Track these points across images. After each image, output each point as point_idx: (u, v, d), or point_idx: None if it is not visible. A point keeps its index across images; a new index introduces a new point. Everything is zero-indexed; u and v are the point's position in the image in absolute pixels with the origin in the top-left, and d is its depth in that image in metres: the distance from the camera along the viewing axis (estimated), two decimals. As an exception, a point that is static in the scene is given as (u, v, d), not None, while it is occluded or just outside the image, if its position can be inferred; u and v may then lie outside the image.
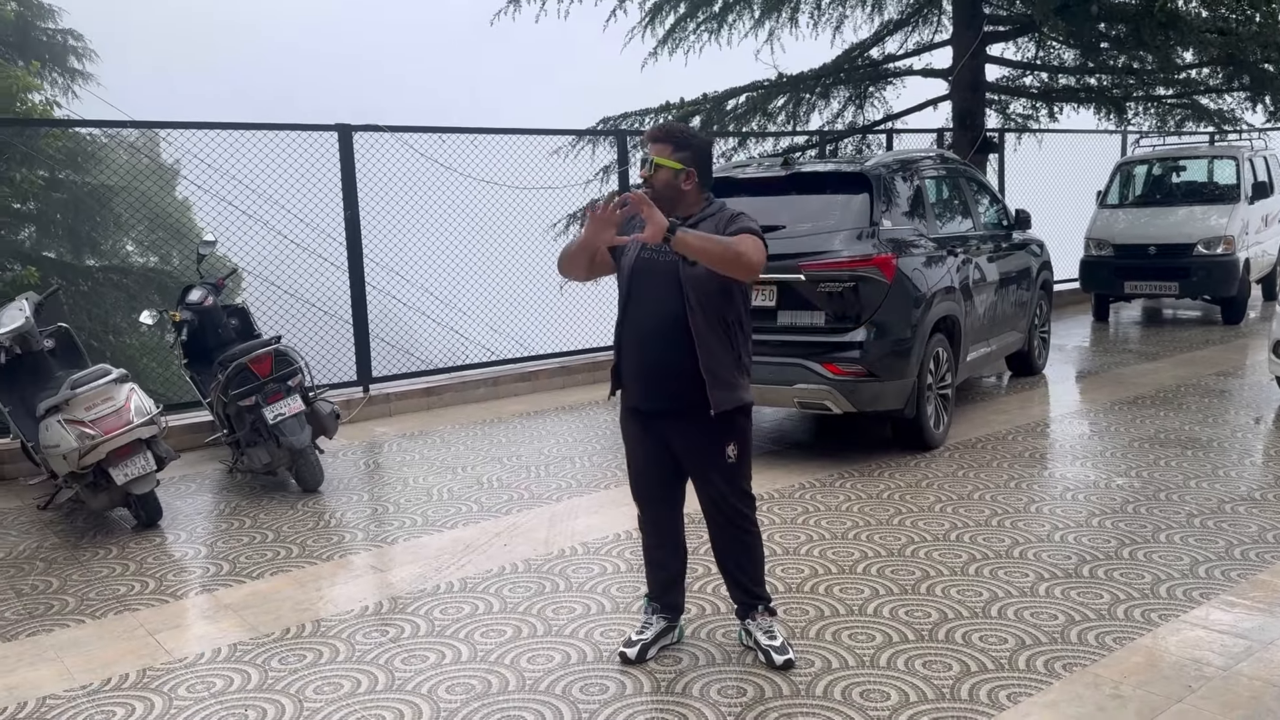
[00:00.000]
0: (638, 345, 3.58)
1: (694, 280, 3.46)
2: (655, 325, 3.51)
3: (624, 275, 3.61)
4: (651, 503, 3.80)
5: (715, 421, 3.52)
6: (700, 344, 3.46)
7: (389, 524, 5.60)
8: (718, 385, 3.48)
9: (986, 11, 11.64)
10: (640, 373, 3.60)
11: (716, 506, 3.67)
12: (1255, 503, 5.40)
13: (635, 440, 3.74)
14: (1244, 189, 11.77)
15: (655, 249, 3.53)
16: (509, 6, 11.61)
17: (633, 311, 3.59)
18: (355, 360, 8.43)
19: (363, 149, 8.35)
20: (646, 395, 3.61)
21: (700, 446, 3.61)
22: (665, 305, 3.50)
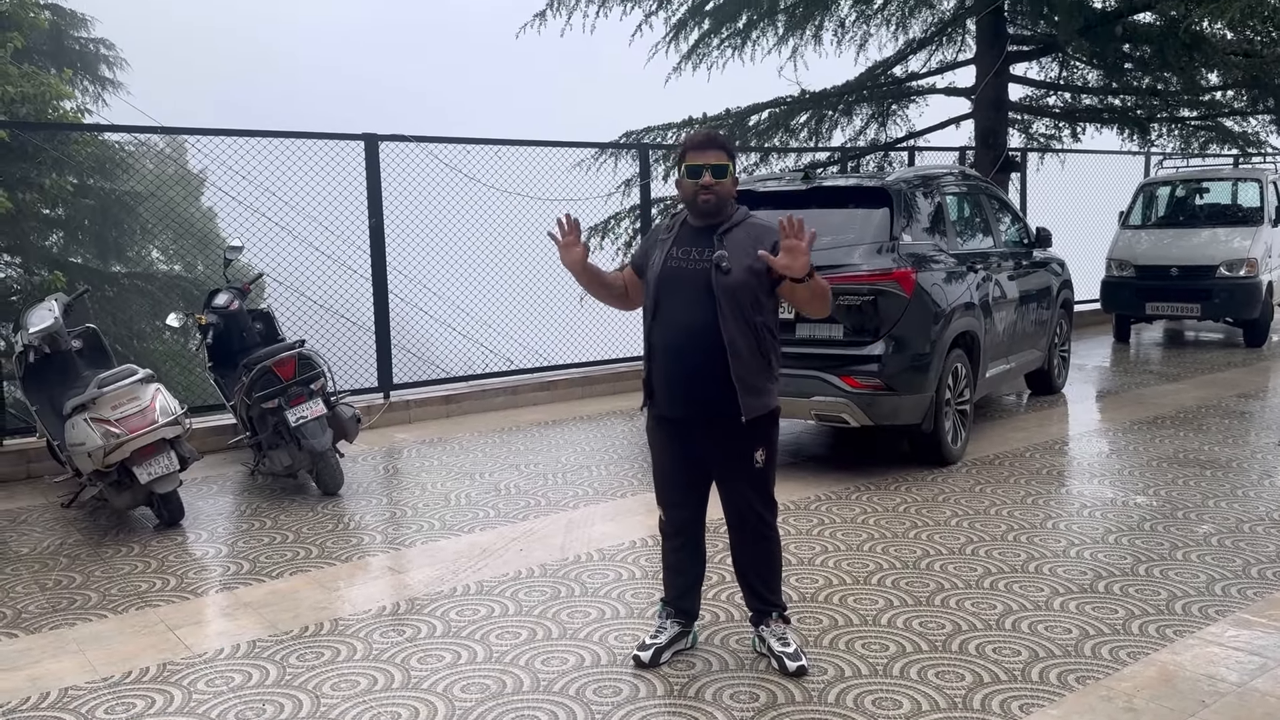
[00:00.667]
0: (668, 353, 3.58)
1: (727, 288, 3.48)
2: (686, 333, 3.52)
3: (651, 284, 3.62)
4: (676, 507, 3.82)
5: (745, 428, 3.54)
6: (732, 351, 3.48)
7: (407, 527, 5.65)
8: (748, 392, 3.50)
9: (1010, 31, 11.67)
10: (671, 380, 3.61)
11: (740, 512, 3.69)
12: (1274, 523, 5.37)
13: (663, 447, 3.76)
14: (1268, 212, 11.72)
15: (684, 256, 3.57)
16: (534, 21, 11.74)
17: (662, 319, 3.60)
18: (377, 366, 8.51)
19: (388, 158, 8.45)
20: (677, 403, 3.62)
21: (729, 452, 3.63)
22: (696, 313, 3.51)
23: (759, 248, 3.48)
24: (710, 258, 3.52)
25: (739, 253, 3.50)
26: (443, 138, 8.92)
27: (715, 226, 3.58)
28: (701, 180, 3.52)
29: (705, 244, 3.57)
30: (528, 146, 9.66)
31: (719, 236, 3.56)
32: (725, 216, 3.60)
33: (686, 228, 3.66)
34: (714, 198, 3.53)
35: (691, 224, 3.65)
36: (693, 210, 3.62)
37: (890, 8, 12.50)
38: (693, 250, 3.58)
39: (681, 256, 3.58)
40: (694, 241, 3.60)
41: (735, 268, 3.47)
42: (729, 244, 3.53)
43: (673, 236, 3.65)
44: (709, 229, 3.59)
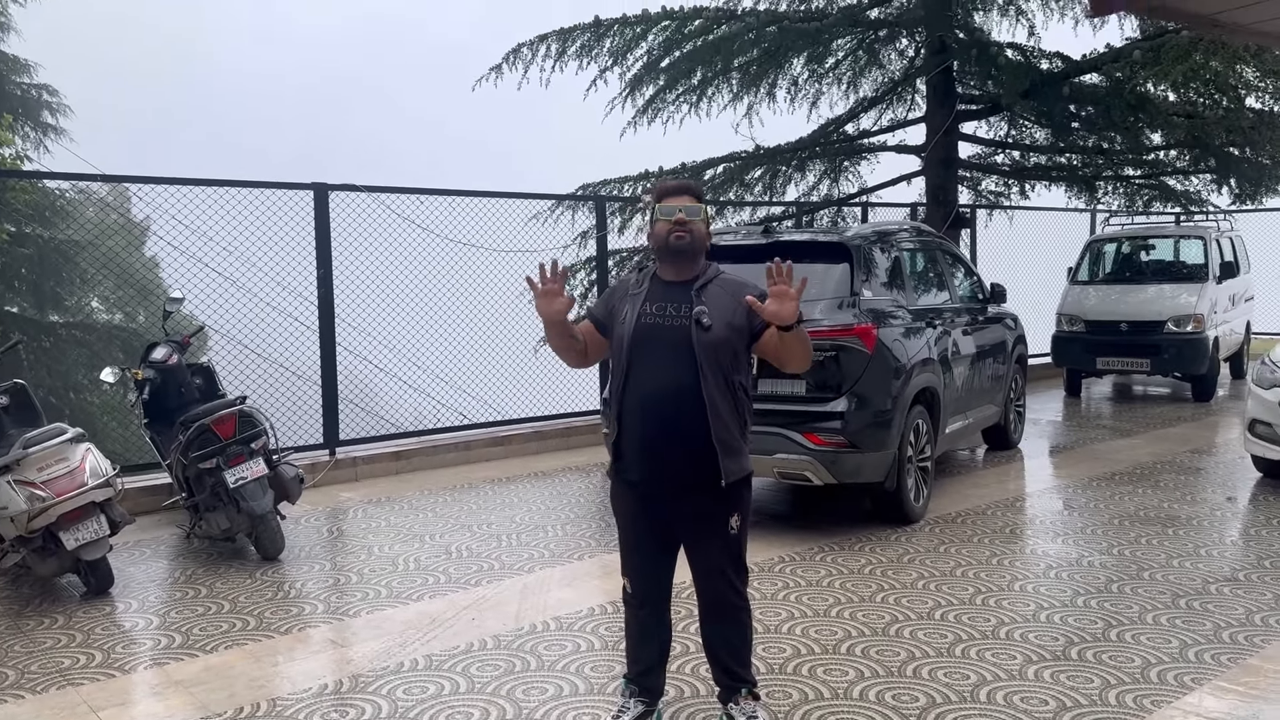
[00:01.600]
0: (643, 414, 3.38)
1: (708, 345, 3.32)
2: (664, 394, 3.34)
3: (623, 342, 3.43)
4: (644, 578, 3.60)
5: (723, 492, 3.37)
6: (712, 412, 3.31)
7: (351, 595, 5.37)
8: (728, 455, 3.34)
9: (959, 91, 11.84)
10: (645, 443, 3.40)
11: (712, 581, 3.50)
12: (1239, 583, 5.31)
13: (632, 513, 3.55)
14: (1212, 268, 11.93)
15: (658, 312, 3.40)
16: (490, 74, 11.67)
17: (636, 380, 3.39)
18: (323, 422, 8.23)
19: (338, 208, 8.25)
20: (652, 468, 3.42)
21: (704, 518, 3.45)
22: (675, 372, 3.33)
23: (736, 303, 3.34)
24: (687, 314, 3.35)
25: (717, 309, 3.35)
26: (394, 188, 8.76)
27: (690, 282, 3.42)
28: (674, 218, 3.37)
29: (681, 299, 3.40)
30: (483, 198, 9.53)
31: (695, 293, 3.40)
32: (699, 270, 3.46)
33: (658, 283, 3.48)
34: (688, 236, 3.37)
35: (663, 278, 3.48)
36: (666, 253, 3.44)
37: (841, 67, 12.66)
38: (668, 306, 3.40)
39: (656, 313, 3.40)
40: (668, 297, 3.42)
41: (715, 324, 3.32)
42: (707, 300, 3.37)
43: (644, 292, 3.46)
44: (683, 284, 3.43)
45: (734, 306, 3.35)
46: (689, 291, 3.40)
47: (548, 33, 11.81)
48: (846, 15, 11.51)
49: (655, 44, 11.63)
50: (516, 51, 11.77)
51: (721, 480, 3.35)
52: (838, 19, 11.34)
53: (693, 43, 11.53)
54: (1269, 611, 4.87)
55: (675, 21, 11.39)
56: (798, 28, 10.93)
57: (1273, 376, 7.17)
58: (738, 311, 3.34)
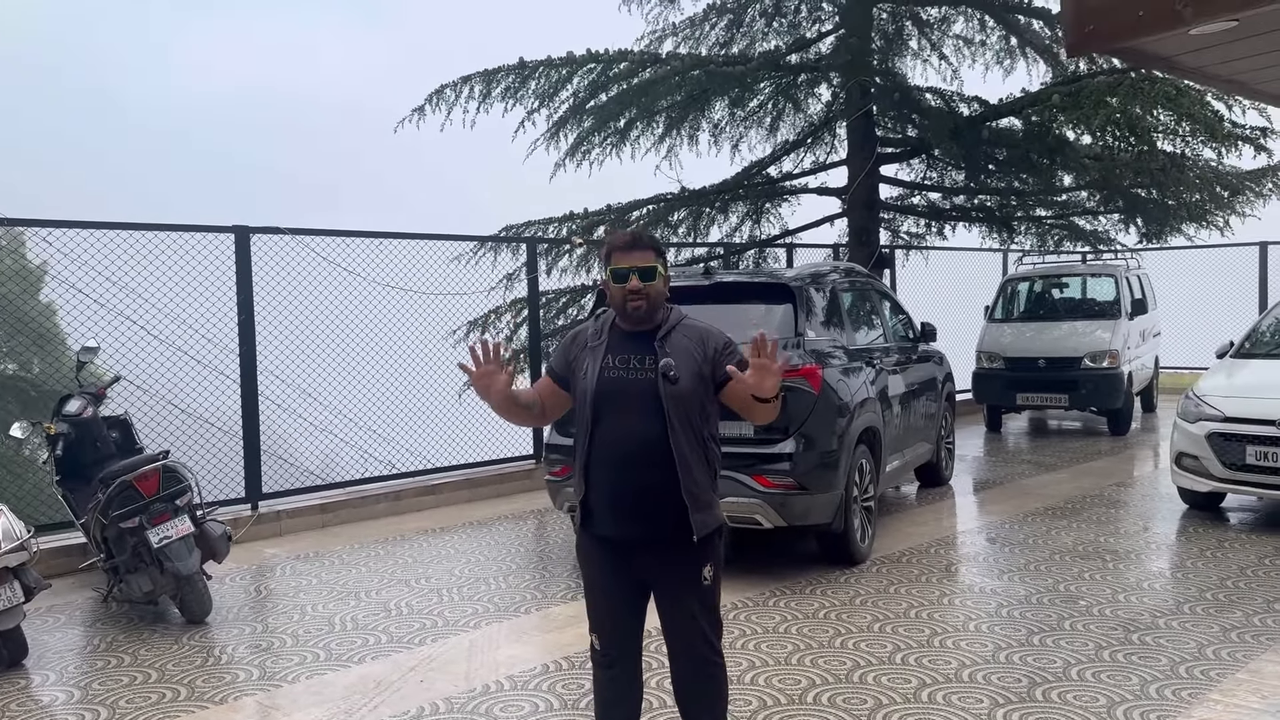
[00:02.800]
0: (611, 471, 3.24)
1: (676, 399, 3.20)
2: (632, 449, 3.21)
3: (586, 398, 3.27)
4: (614, 634, 3.42)
5: (695, 546, 3.24)
6: (681, 466, 3.19)
7: (287, 659, 5.07)
8: (699, 508, 3.22)
9: (879, 134, 12.09)
10: (615, 499, 3.26)
11: (686, 637, 3.34)
12: (1184, 616, 5.37)
13: (602, 571, 3.38)
14: (1124, 305, 12.32)
15: (621, 364, 3.27)
16: (413, 115, 11.51)
17: (602, 435, 3.25)
18: (244, 474, 7.86)
19: (260, 252, 7.96)
20: (622, 523, 3.28)
21: (677, 572, 3.31)
22: (643, 427, 3.20)
23: (703, 351, 3.25)
24: (652, 366, 3.23)
25: (683, 359, 3.23)
26: (319, 230, 8.49)
27: (652, 332, 3.30)
28: (629, 285, 3.23)
29: (644, 350, 3.27)
30: (408, 240, 9.30)
31: (660, 343, 3.27)
32: (661, 319, 3.33)
33: (618, 333, 3.34)
34: (644, 303, 3.25)
35: (623, 329, 3.34)
36: (623, 316, 3.31)
37: (762, 111, 12.84)
38: (631, 358, 3.27)
39: (620, 365, 3.27)
40: (631, 349, 3.29)
41: (682, 376, 3.19)
42: (671, 350, 3.25)
43: (604, 343, 3.32)
44: (645, 335, 3.30)
45: (700, 356, 3.25)
46: (651, 342, 3.28)
47: (471, 74, 11.72)
48: (768, 60, 11.68)
49: (581, 86, 11.63)
50: (439, 93, 11.65)
51: (693, 535, 3.23)
52: (759, 64, 11.51)
53: (618, 85, 11.56)
54: (1219, 644, 4.93)
55: (601, 64, 11.42)
56: (722, 71, 11.04)
57: (1198, 410, 7.37)
58: (704, 362, 3.24)
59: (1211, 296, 14.85)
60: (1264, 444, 6.91)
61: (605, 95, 11.56)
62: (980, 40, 12.64)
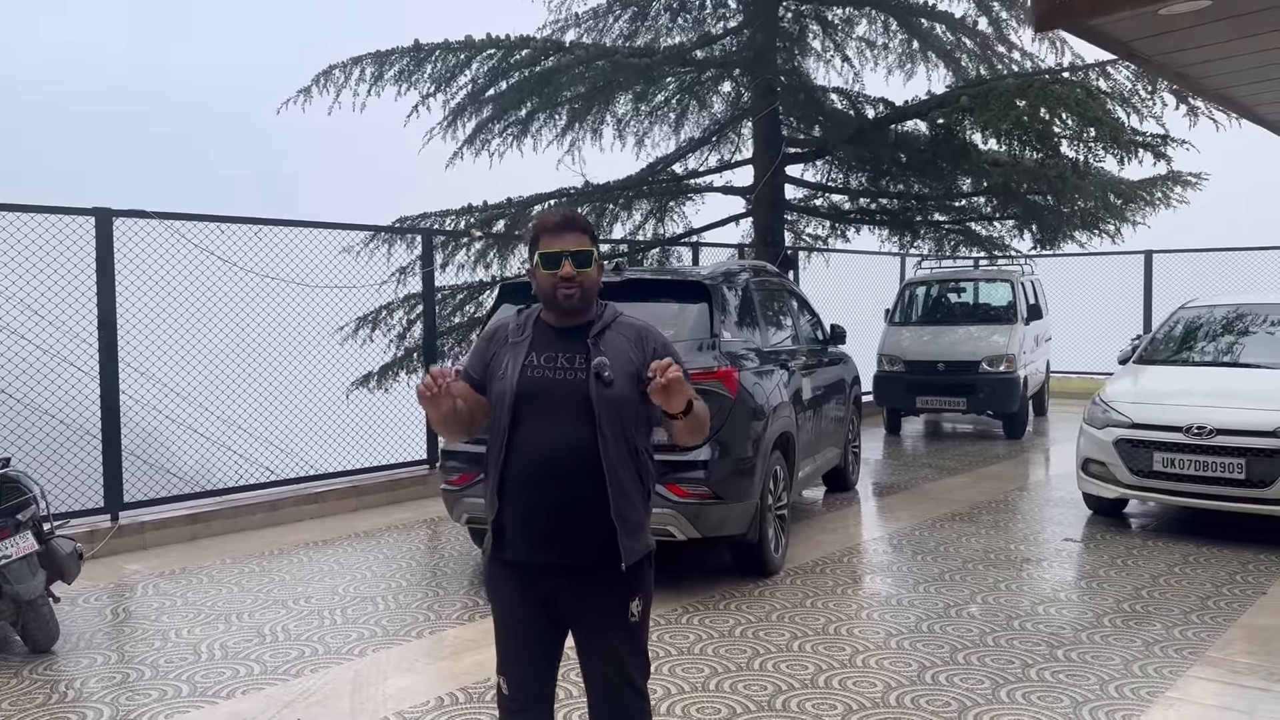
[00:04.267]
0: (530, 486, 2.81)
1: (609, 404, 2.76)
2: (555, 460, 2.78)
3: (504, 400, 2.84)
4: (525, 678, 2.97)
5: (622, 575, 2.82)
6: (611, 481, 2.77)
7: (145, 694, 4.48)
8: (629, 532, 2.80)
9: (785, 134, 11.91)
10: (532, 518, 2.82)
11: (608, 679, 2.91)
12: (1106, 629, 5.23)
13: (513, 604, 2.93)
14: (1020, 310, 12.43)
15: (547, 363, 2.84)
16: (299, 97, 10.82)
17: (520, 445, 2.81)
18: (104, 481, 7.13)
19: (124, 237, 7.24)
20: (539, 548, 2.83)
21: (600, 605, 2.88)
22: (569, 435, 2.77)
23: (640, 351, 2.84)
24: (583, 365, 2.80)
25: (619, 359, 2.80)
26: (191, 215, 7.79)
27: (584, 327, 2.87)
28: (561, 271, 2.81)
29: (574, 348, 2.84)
30: (292, 228, 8.65)
31: (593, 340, 2.84)
32: (595, 314, 2.91)
33: (544, 328, 2.92)
34: (578, 291, 2.83)
35: (549, 323, 2.92)
36: (553, 308, 2.89)
37: (668, 106, 12.55)
38: (559, 356, 2.84)
39: (545, 364, 2.83)
40: (559, 346, 2.86)
41: (617, 376, 2.76)
42: (606, 348, 2.82)
43: (527, 340, 2.89)
44: (575, 330, 2.87)
45: (638, 357, 2.84)
46: (584, 339, 2.85)
47: (362, 55, 11.10)
48: (674, 54, 11.38)
49: (480, 72, 11.12)
50: (328, 73, 10.99)
51: (622, 563, 2.81)
52: (665, 56, 11.19)
53: (519, 73, 11.10)
54: (1144, 659, 4.78)
55: (501, 50, 10.93)
56: (628, 63, 10.69)
57: (1105, 416, 7.33)
58: (641, 364, 2.82)
59: (1098, 303, 15.21)
60: (1171, 450, 6.88)
61: (505, 83, 11.08)
62: (883, 43, 12.61)
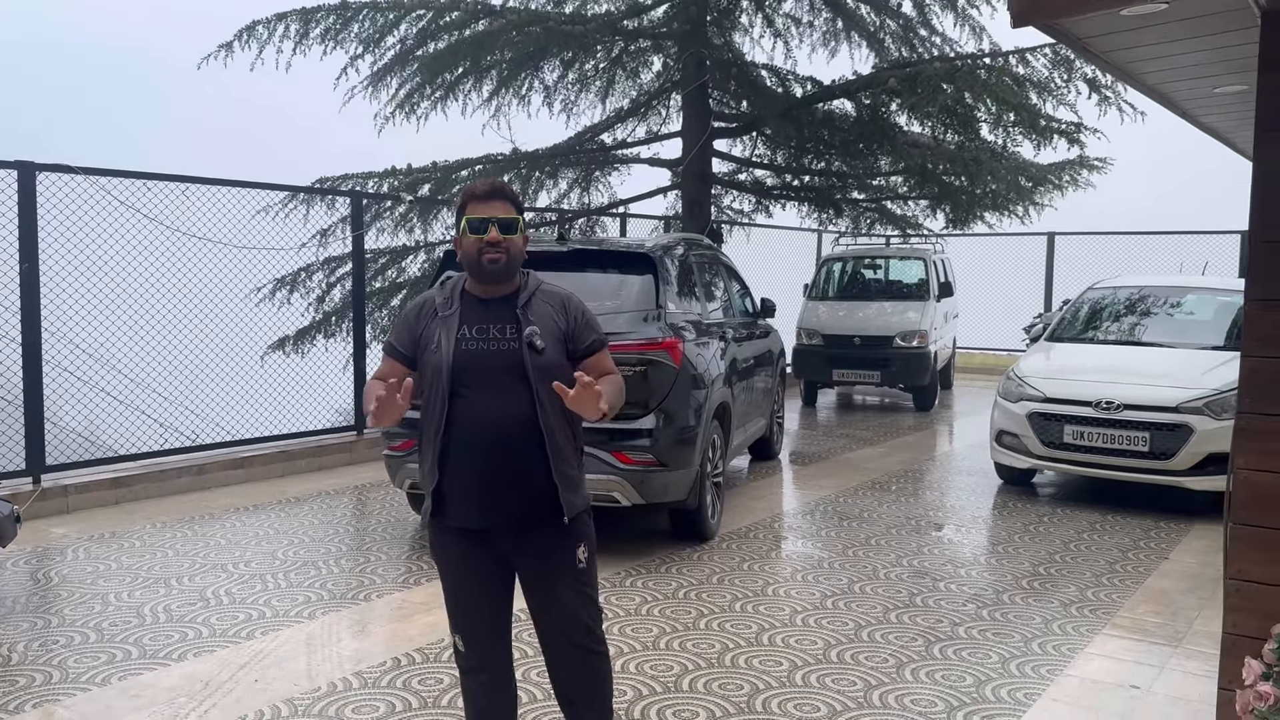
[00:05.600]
0: (472, 454, 2.93)
1: (544, 370, 2.92)
2: (497, 429, 2.91)
3: (441, 373, 2.93)
4: (483, 636, 3.11)
5: (566, 527, 3.01)
6: (551, 444, 2.94)
7: (94, 657, 4.44)
8: (568, 487, 2.99)
9: (714, 108, 12.05)
10: (476, 485, 2.95)
11: (562, 626, 3.07)
12: (1026, 591, 5.57)
13: (462, 565, 3.06)
14: (932, 288, 12.88)
15: (479, 335, 2.95)
16: (219, 52, 10.50)
17: (460, 416, 2.92)
18: (25, 443, 6.92)
19: (47, 193, 6.99)
20: (485, 511, 2.97)
21: (549, 558, 3.04)
22: (508, 404, 2.91)
23: (564, 318, 3.03)
24: (514, 335, 2.95)
25: (546, 326, 2.99)
26: (115, 170, 7.53)
27: (511, 297, 3.01)
28: (488, 236, 2.92)
29: (504, 319, 2.97)
30: (218, 186, 8.41)
31: (522, 310, 2.99)
32: (519, 284, 3.05)
33: (471, 300, 3.03)
34: (503, 256, 2.94)
35: (476, 294, 3.03)
36: (478, 274, 2.99)
37: (597, 76, 12.55)
38: (490, 328, 2.96)
39: (478, 336, 2.95)
40: (489, 317, 2.98)
41: (548, 343, 2.95)
42: (534, 317, 2.99)
43: (456, 313, 3.00)
44: (502, 300, 3.00)
45: (562, 324, 3.03)
46: (512, 309, 2.99)
47: (287, 11, 10.82)
48: (606, 23, 11.39)
49: (409, 33, 10.96)
50: (251, 29, 10.70)
51: (564, 516, 2.99)
52: (598, 25, 11.20)
53: (449, 36, 10.97)
54: (1063, 619, 5.12)
55: (432, 11, 10.78)
56: (561, 30, 10.66)
57: (1019, 390, 7.71)
58: (565, 331, 3.02)
59: (1002, 281, 15.84)
60: (1080, 424, 7.30)
61: (435, 45, 10.93)
62: (809, 21, 12.81)
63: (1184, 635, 4.90)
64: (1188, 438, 6.97)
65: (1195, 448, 6.95)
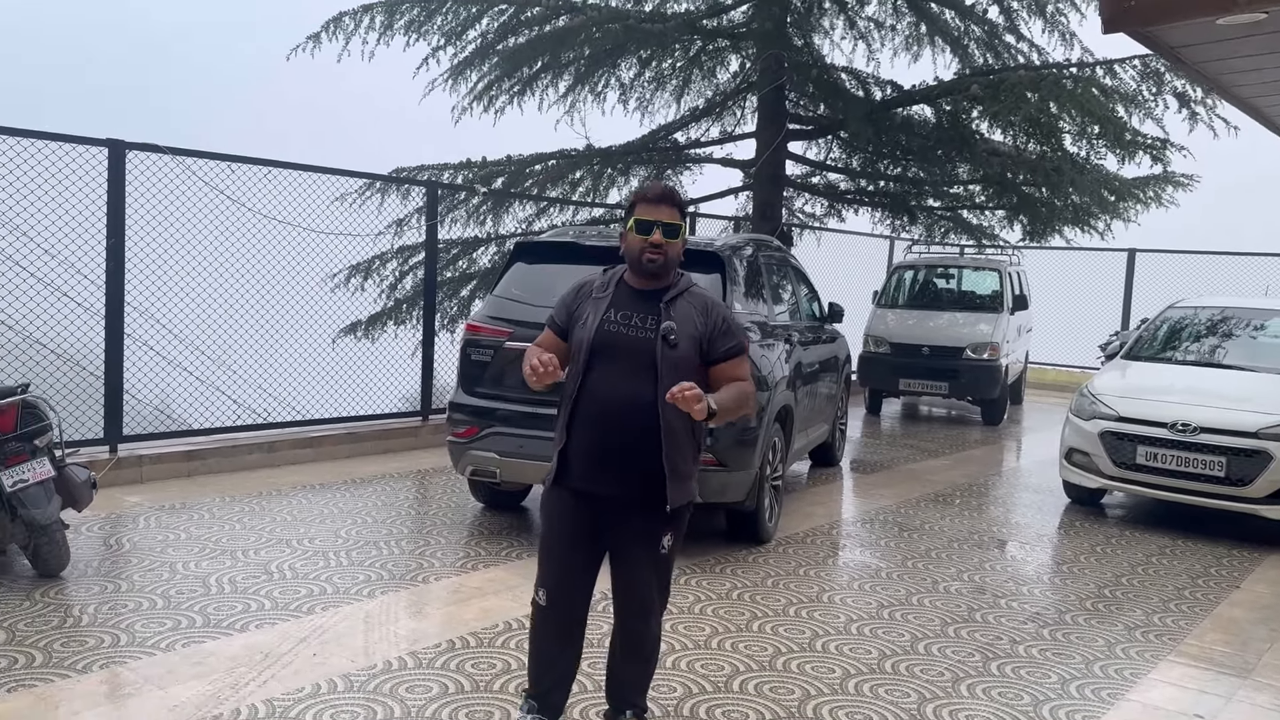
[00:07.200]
0: (594, 425, 3.15)
1: (673, 364, 3.11)
2: (619, 407, 3.11)
3: (582, 347, 3.17)
4: (564, 590, 3.33)
5: (664, 514, 3.17)
6: (666, 432, 3.10)
7: (160, 623, 4.57)
8: (676, 479, 3.15)
9: (790, 109, 11.96)
10: (595, 455, 3.17)
11: (637, 600, 3.30)
12: (1090, 612, 5.44)
13: (564, 519, 3.28)
14: (1006, 300, 12.63)
15: (623, 320, 3.14)
16: (308, 43, 10.73)
17: (591, 388, 3.15)
18: (104, 412, 7.15)
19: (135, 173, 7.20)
20: (595, 479, 3.19)
21: (638, 535, 3.25)
22: (634, 387, 3.11)
23: (705, 321, 3.19)
24: (653, 326, 3.14)
25: (685, 325, 3.16)
26: (201, 152, 7.75)
27: (659, 292, 3.21)
28: (651, 238, 3.15)
29: (648, 310, 3.18)
30: (294, 172, 8.57)
31: (665, 305, 3.18)
32: (670, 281, 3.25)
33: (625, 289, 3.26)
34: (662, 258, 3.17)
35: (630, 285, 3.26)
36: (637, 269, 3.23)
37: (674, 74, 12.54)
38: (634, 316, 3.18)
39: (621, 321, 3.17)
40: (634, 306, 3.20)
41: (681, 340, 3.10)
42: (676, 315, 3.17)
43: (608, 297, 3.24)
44: (652, 294, 3.21)
45: (701, 326, 3.19)
46: (657, 303, 3.20)
47: (373, 2, 11.01)
48: (685, 21, 11.37)
49: (490, 27, 11.07)
50: (338, 20, 10.90)
51: (667, 505, 3.15)
52: (678, 24, 11.19)
53: (529, 31, 11.06)
54: (1126, 642, 4.99)
55: (514, 6, 10.87)
56: (641, 27, 10.68)
57: (1092, 408, 7.53)
58: (703, 333, 3.19)
59: (1078, 297, 15.46)
60: (1154, 445, 7.10)
61: (515, 40, 11.03)
62: (891, 24, 12.64)
63: (1253, 667, 4.74)
64: (1266, 464, 6.74)
65: (1274, 475, 6.72)
